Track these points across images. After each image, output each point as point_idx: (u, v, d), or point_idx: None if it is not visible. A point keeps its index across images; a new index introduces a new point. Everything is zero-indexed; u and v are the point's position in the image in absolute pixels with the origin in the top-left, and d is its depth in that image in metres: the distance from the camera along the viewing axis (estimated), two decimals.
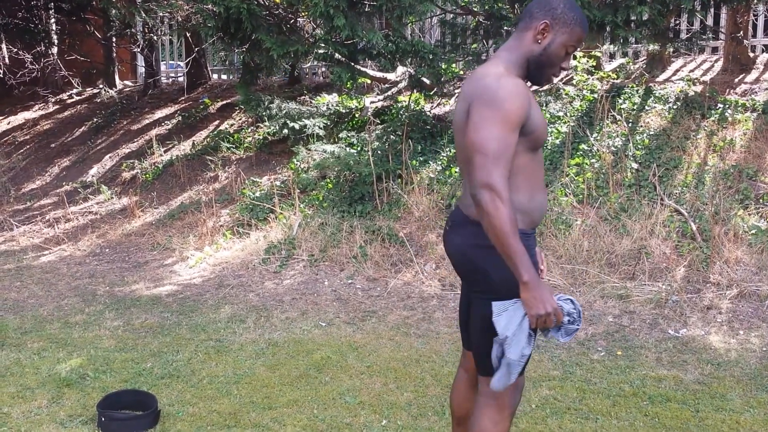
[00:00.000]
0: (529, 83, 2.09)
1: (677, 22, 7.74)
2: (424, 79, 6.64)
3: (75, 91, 11.24)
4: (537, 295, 1.87)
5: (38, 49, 10.24)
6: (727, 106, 6.20)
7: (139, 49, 10.42)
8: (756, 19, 7.67)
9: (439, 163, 6.23)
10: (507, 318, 1.98)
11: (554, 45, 2.02)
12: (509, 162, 1.89)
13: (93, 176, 8.23)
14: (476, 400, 2.16)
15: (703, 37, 7.43)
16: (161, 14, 9.43)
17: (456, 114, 2.10)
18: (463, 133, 2.01)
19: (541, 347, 3.86)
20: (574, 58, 7.60)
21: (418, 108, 7.15)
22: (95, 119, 9.97)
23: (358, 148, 6.61)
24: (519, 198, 2.01)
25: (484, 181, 1.86)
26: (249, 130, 8.04)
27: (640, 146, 5.92)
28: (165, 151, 8.19)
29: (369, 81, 7.63)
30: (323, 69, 9.35)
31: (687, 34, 7.65)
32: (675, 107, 6.33)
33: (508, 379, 2.02)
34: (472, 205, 2.02)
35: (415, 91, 7.12)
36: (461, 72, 7.33)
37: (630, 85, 6.78)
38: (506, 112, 1.90)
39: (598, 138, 6.06)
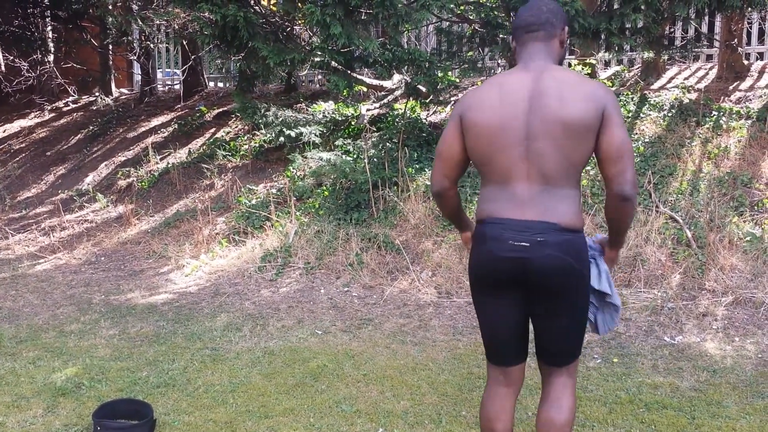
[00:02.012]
0: None
1: (672, 30, 7.79)
2: (420, 87, 6.66)
3: (71, 98, 11.24)
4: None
5: (34, 57, 10.24)
6: (721, 113, 6.23)
7: (135, 57, 10.43)
8: (750, 27, 7.71)
9: None
10: (605, 279, 2.30)
11: (564, 43, 2.24)
12: None
13: (89, 184, 8.22)
14: (561, 384, 2.24)
15: (698, 44, 7.48)
16: (158, 22, 9.44)
17: (566, 111, 2.04)
18: (580, 137, 2.04)
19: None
20: (570, 65, 7.61)
21: (414, 115, 7.17)
22: (91, 127, 9.97)
23: (354, 156, 6.62)
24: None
25: (635, 181, 2.05)
26: (245, 137, 8.04)
27: (635, 153, 5.94)
28: (161, 159, 8.19)
29: (365, 89, 7.64)
30: (319, 77, 9.37)
31: (682, 41, 7.69)
32: (670, 115, 6.35)
33: (614, 323, 2.38)
34: (564, 213, 2.06)
35: (411, 98, 7.14)
36: (457, 80, 7.35)
37: (625, 93, 6.81)
38: None
39: None
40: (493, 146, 2.10)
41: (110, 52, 11.12)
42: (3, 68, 10.39)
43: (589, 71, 7.14)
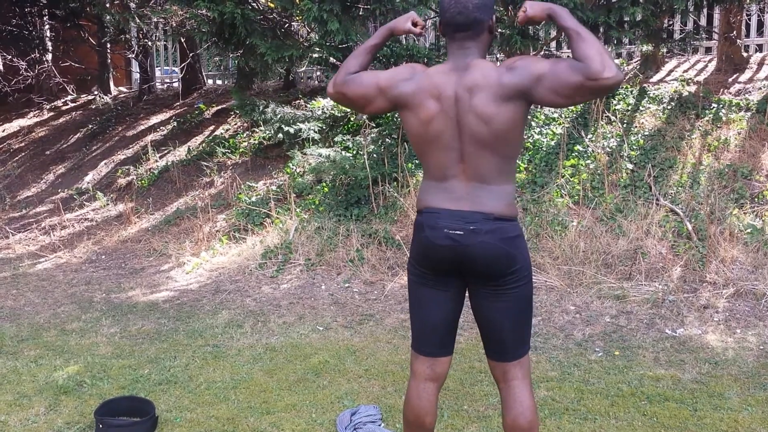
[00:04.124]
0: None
1: (670, 22, 7.77)
2: None
3: (70, 97, 11.23)
4: None
5: (32, 56, 10.23)
6: (721, 105, 6.22)
7: (133, 55, 10.41)
8: (749, 19, 7.70)
9: None
10: None
11: (493, 28, 2.19)
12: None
13: (88, 183, 8.22)
14: (519, 385, 2.23)
15: (697, 37, 7.46)
16: (155, 20, 9.43)
17: (493, 114, 2.07)
18: (510, 132, 2.09)
19: (538, 348, 3.87)
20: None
21: None
22: (90, 126, 9.96)
23: (354, 152, 6.61)
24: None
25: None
26: (244, 134, 8.04)
27: (635, 147, 5.93)
28: (160, 157, 8.18)
29: None
30: (318, 73, 9.36)
31: (680, 34, 7.67)
32: (669, 107, 6.35)
33: None
34: (497, 204, 2.11)
35: None
36: None
37: (624, 86, 6.80)
38: None
39: (593, 139, 6.08)
40: (429, 146, 2.17)
41: (108, 51, 11.10)
42: (1, 68, 10.37)
43: None
